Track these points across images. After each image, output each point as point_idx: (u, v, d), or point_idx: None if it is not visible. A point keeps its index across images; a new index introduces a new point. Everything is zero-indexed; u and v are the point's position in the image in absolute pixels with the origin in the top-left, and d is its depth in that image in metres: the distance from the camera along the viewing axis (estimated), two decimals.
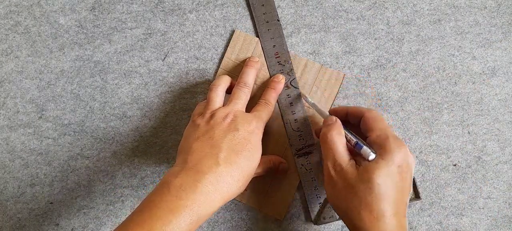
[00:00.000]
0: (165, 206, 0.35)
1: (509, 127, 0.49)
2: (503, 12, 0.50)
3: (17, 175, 0.49)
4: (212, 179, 0.37)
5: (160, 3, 0.50)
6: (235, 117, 0.41)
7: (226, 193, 0.38)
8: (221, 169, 0.38)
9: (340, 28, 0.49)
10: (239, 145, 0.39)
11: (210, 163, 0.38)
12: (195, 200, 0.36)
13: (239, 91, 0.45)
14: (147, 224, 0.34)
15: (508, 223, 0.48)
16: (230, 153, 0.39)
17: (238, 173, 0.39)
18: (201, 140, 0.40)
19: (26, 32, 0.50)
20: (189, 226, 0.35)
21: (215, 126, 0.40)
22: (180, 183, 0.36)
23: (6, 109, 0.49)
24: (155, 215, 0.34)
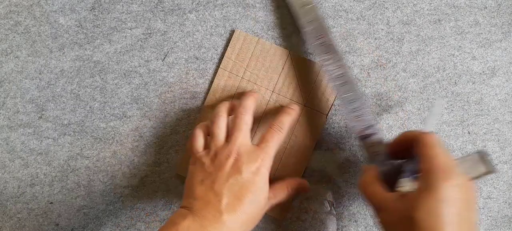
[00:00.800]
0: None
1: (509, 127, 0.49)
2: (503, 12, 0.50)
3: (17, 175, 0.49)
4: (217, 226, 0.38)
5: (160, 3, 0.50)
6: (239, 155, 0.40)
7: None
8: (224, 217, 0.38)
9: (340, 28, 0.49)
10: (242, 190, 0.39)
11: (214, 211, 0.38)
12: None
13: (240, 122, 0.42)
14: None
15: (508, 223, 0.48)
16: (233, 200, 0.39)
17: (243, 217, 0.39)
18: (205, 185, 0.40)
19: (26, 32, 0.50)
20: None
21: (218, 169, 0.40)
22: (188, 225, 0.37)
23: (6, 109, 0.49)
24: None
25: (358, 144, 0.47)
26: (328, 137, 0.49)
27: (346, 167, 0.49)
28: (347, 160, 0.49)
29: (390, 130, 0.49)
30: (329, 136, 0.49)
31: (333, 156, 0.49)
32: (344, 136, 0.49)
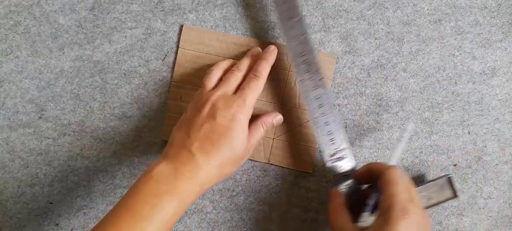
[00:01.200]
0: (149, 191, 0.37)
1: (509, 127, 0.49)
2: (503, 12, 0.49)
3: (17, 175, 0.49)
4: (190, 168, 0.39)
5: (160, 3, 0.50)
6: (215, 102, 0.41)
7: (206, 179, 0.39)
8: (197, 157, 0.39)
9: (340, 28, 0.49)
10: (215, 134, 0.40)
11: (186, 153, 0.39)
12: (176, 186, 0.38)
13: (230, 75, 0.44)
14: (134, 208, 0.36)
15: (508, 223, 0.48)
16: (204, 143, 0.39)
17: (216, 159, 0.39)
18: (181, 130, 0.41)
19: (26, 32, 0.50)
20: (173, 209, 0.37)
21: (195, 115, 0.41)
22: (161, 170, 0.38)
23: (6, 109, 0.49)
24: (141, 199, 0.37)
25: (327, 167, 0.47)
26: None
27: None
28: None
29: (390, 130, 0.49)
30: None
31: None
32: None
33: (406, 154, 0.49)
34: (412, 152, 0.49)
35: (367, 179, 0.43)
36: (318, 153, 0.48)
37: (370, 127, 0.49)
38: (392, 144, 0.49)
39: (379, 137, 0.49)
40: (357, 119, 0.49)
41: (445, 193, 0.46)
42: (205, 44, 0.49)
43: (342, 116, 0.49)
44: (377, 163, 0.43)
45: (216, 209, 0.49)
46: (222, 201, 0.49)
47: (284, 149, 0.48)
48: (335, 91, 0.49)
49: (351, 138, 0.49)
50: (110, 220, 0.36)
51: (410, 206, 0.36)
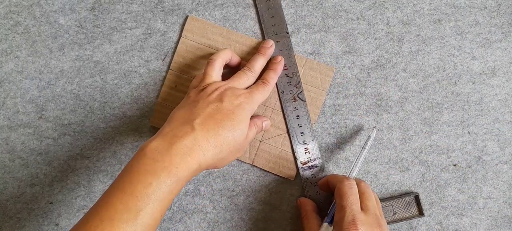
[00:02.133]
0: (143, 169, 0.36)
1: (509, 127, 0.49)
2: (503, 12, 0.50)
3: (17, 175, 0.49)
4: (187, 142, 0.37)
5: (160, 3, 0.50)
6: (225, 90, 0.41)
7: (202, 157, 0.38)
8: (197, 133, 0.38)
9: (340, 28, 0.49)
10: (220, 114, 0.39)
11: (186, 128, 0.38)
12: (171, 162, 0.36)
13: (242, 73, 0.44)
14: (128, 188, 0.35)
15: (508, 223, 0.48)
16: (207, 119, 0.39)
17: (215, 139, 0.38)
18: (184, 109, 0.41)
19: (26, 32, 0.50)
20: (169, 187, 0.36)
21: (202, 98, 0.41)
22: (156, 146, 0.37)
23: (6, 109, 0.49)
24: (135, 178, 0.35)
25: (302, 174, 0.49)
26: (328, 137, 0.49)
27: (347, 168, 0.49)
28: (346, 159, 0.49)
29: (390, 130, 0.49)
30: (329, 136, 0.49)
31: (333, 156, 0.49)
32: (344, 135, 0.49)
33: (406, 154, 0.49)
34: (412, 152, 0.49)
35: (327, 190, 0.46)
36: None
37: (370, 127, 0.49)
38: (392, 144, 0.49)
39: (379, 137, 0.49)
40: (357, 118, 0.49)
41: (411, 210, 0.48)
42: (208, 37, 0.49)
43: (342, 116, 0.49)
44: (334, 176, 0.45)
45: (216, 209, 0.49)
46: (222, 201, 0.49)
47: (270, 153, 0.48)
48: (335, 91, 0.49)
49: (351, 138, 0.49)
50: (105, 200, 0.35)
51: (358, 216, 0.39)
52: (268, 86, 0.45)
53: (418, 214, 0.48)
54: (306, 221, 0.44)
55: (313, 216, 0.45)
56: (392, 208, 0.47)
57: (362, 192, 0.41)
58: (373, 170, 0.49)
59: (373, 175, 0.49)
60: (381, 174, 0.49)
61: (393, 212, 0.47)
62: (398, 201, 0.48)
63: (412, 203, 0.48)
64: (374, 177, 0.49)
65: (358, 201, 0.40)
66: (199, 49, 0.49)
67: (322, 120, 0.49)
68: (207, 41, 0.49)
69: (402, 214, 0.47)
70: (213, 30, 0.49)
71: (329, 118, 0.49)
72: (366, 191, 0.42)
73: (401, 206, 0.47)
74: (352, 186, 0.41)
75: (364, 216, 0.39)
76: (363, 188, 0.42)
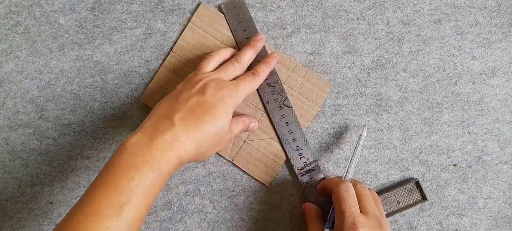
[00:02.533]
0: (124, 163, 0.36)
1: (509, 127, 0.49)
2: (503, 12, 0.50)
3: (17, 175, 0.49)
4: (167, 137, 0.37)
5: (160, 3, 0.50)
6: (208, 82, 0.41)
7: (183, 152, 0.38)
8: (177, 128, 0.38)
9: (340, 28, 0.49)
10: (200, 108, 0.39)
11: (166, 123, 0.38)
12: (152, 156, 0.36)
13: (229, 64, 0.44)
14: (111, 182, 0.35)
15: (508, 223, 0.48)
16: (188, 114, 0.39)
17: (195, 134, 0.38)
18: (167, 102, 0.40)
19: (26, 32, 0.50)
20: (152, 181, 0.36)
21: (186, 89, 0.41)
22: (136, 141, 0.37)
23: (6, 109, 0.49)
24: (117, 174, 0.35)
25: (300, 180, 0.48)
26: (328, 137, 0.49)
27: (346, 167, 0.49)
28: (346, 159, 0.49)
29: (390, 130, 0.49)
30: (329, 136, 0.49)
31: (333, 156, 0.49)
32: (344, 135, 0.49)
33: (406, 154, 0.49)
34: (412, 152, 0.49)
35: (325, 195, 0.45)
36: (283, 169, 0.48)
37: (370, 127, 0.49)
38: (392, 144, 0.49)
39: (379, 137, 0.49)
40: (357, 118, 0.49)
41: (414, 196, 0.48)
42: (215, 28, 0.49)
43: (342, 116, 0.49)
44: (330, 180, 0.44)
45: (216, 209, 0.49)
46: (222, 201, 0.49)
47: (251, 154, 0.48)
48: (335, 91, 0.49)
49: (351, 138, 0.49)
50: (88, 196, 0.35)
51: (358, 218, 0.38)
52: (257, 78, 0.44)
53: (421, 199, 0.47)
54: (310, 226, 0.44)
55: (316, 221, 0.44)
56: (395, 198, 0.47)
57: (359, 193, 0.41)
58: (373, 170, 0.49)
59: (373, 175, 0.49)
60: (381, 174, 0.49)
61: (397, 201, 0.47)
62: (400, 190, 0.47)
63: (414, 189, 0.48)
64: (374, 177, 0.49)
65: (356, 203, 0.40)
66: (204, 37, 0.49)
67: (322, 120, 0.49)
68: (214, 32, 0.49)
69: (405, 202, 0.47)
70: (222, 22, 0.49)
71: (329, 118, 0.49)
72: (363, 192, 0.41)
73: (404, 194, 0.47)
74: (348, 189, 0.41)
75: (364, 218, 0.39)
76: (360, 189, 0.42)
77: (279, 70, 0.48)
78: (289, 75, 0.48)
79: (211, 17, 0.49)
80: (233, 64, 0.44)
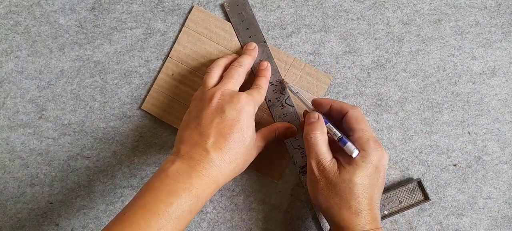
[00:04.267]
0: (165, 189, 0.37)
1: (509, 127, 0.49)
2: (503, 12, 0.50)
3: (17, 175, 0.49)
4: (205, 165, 0.39)
5: (160, 3, 0.50)
6: (222, 96, 0.41)
7: (220, 176, 0.39)
8: (211, 155, 0.39)
9: (340, 28, 0.49)
10: (227, 128, 0.40)
11: (200, 150, 0.39)
12: (192, 184, 0.38)
13: (232, 70, 0.44)
14: (151, 206, 0.36)
15: (508, 223, 0.48)
16: (218, 138, 0.39)
17: (230, 155, 0.40)
18: (191, 128, 0.41)
19: (26, 32, 0.50)
20: (189, 207, 0.37)
21: (203, 110, 0.41)
22: (177, 168, 0.38)
23: (6, 109, 0.49)
24: (157, 198, 0.37)
25: None
26: None
27: None
28: None
29: (390, 130, 0.49)
30: None
31: None
32: None
33: (406, 154, 0.49)
34: (412, 152, 0.49)
35: (327, 113, 0.44)
36: (290, 164, 0.48)
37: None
38: (392, 144, 0.49)
39: (379, 137, 0.49)
40: None
41: (416, 196, 0.48)
42: (210, 30, 0.49)
43: None
44: (338, 102, 0.43)
45: (216, 209, 0.49)
46: (222, 201, 0.49)
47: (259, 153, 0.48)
48: (335, 91, 0.49)
49: None
50: (127, 216, 0.36)
51: (376, 139, 0.41)
52: (263, 90, 0.45)
53: (423, 199, 0.47)
54: (314, 134, 0.41)
55: (324, 131, 0.42)
56: (397, 197, 0.47)
57: (359, 117, 0.42)
58: None
59: None
60: None
61: (399, 201, 0.47)
62: (402, 189, 0.47)
63: (416, 189, 0.48)
64: None
65: None
66: (200, 40, 0.49)
67: None
68: (209, 34, 0.49)
69: (408, 201, 0.47)
70: (216, 23, 0.49)
71: None
72: (361, 116, 0.42)
73: (406, 194, 0.47)
74: (361, 114, 0.42)
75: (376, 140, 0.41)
76: (359, 114, 0.42)
77: (278, 66, 0.48)
78: (288, 70, 0.49)
79: (206, 19, 0.49)
80: (236, 69, 0.44)
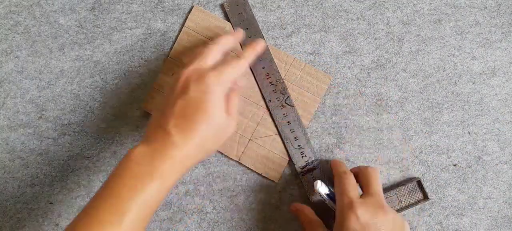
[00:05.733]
0: (128, 173, 0.36)
1: (509, 127, 0.49)
2: (503, 12, 0.50)
3: (17, 175, 0.49)
4: (167, 146, 0.37)
5: (160, 3, 0.50)
6: (189, 76, 0.39)
7: (186, 158, 0.38)
8: (174, 137, 0.37)
9: (340, 28, 0.49)
10: (189, 108, 0.38)
11: (162, 133, 0.38)
12: (155, 166, 0.36)
13: (204, 49, 0.41)
14: (115, 190, 0.36)
15: (508, 223, 0.48)
16: (179, 120, 0.38)
17: (194, 137, 0.38)
18: (159, 111, 0.40)
19: (26, 32, 0.50)
20: (155, 190, 0.36)
21: (170, 93, 0.40)
22: (139, 151, 0.37)
23: (6, 109, 0.49)
24: (121, 182, 0.36)
25: (301, 178, 0.49)
26: (328, 137, 0.49)
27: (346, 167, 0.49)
28: (346, 159, 0.49)
29: (390, 130, 0.49)
30: (329, 136, 0.49)
31: (333, 157, 0.49)
32: (344, 135, 0.49)
33: (406, 154, 0.49)
34: (412, 152, 0.49)
35: None
36: (290, 164, 0.48)
37: (370, 127, 0.49)
38: (392, 144, 0.49)
39: (379, 137, 0.49)
40: (357, 118, 0.49)
41: (416, 196, 0.48)
42: (210, 30, 0.49)
43: (342, 116, 0.49)
44: (336, 162, 0.45)
45: (216, 209, 0.49)
46: (222, 201, 0.49)
47: (257, 152, 0.48)
48: (335, 91, 0.49)
49: (351, 138, 0.49)
50: (93, 204, 0.36)
51: (356, 199, 0.39)
52: (242, 60, 0.41)
53: (423, 199, 0.47)
54: (310, 226, 0.44)
55: (315, 219, 0.44)
56: (396, 197, 0.47)
57: (367, 175, 0.42)
58: None
59: None
60: (381, 174, 0.49)
61: (398, 200, 0.47)
62: (402, 189, 0.47)
63: (416, 189, 0.48)
64: None
65: (355, 187, 0.41)
66: (200, 40, 0.49)
67: (322, 120, 0.49)
68: (209, 34, 0.49)
69: (407, 201, 0.47)
70: (216, 23, 0.49)
71: (329, 118, 0.49)
72: (370, 173, 0.42)
73: (405, 193, 0.47)
74: (347, 174, 0.42)
75: (362, 199, 0.39)
76: (368, 170, 0.42)
77: (278, 66, 0.48)
78: (288, 70, 0.48)
79: (206, 19, 0.49)
80: (208, 46, 0.41)
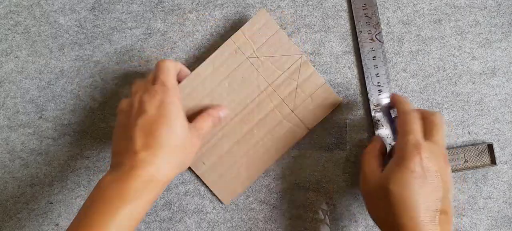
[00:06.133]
0: (101, 200, 0.36)
1: (509, 127, 0.49)
2: (503, 12, 0.50)
3: (17, 175, 0.49)
4: (136, 166, 0.37)
5: (160, 3, 0.50)
6: (140, 97, 0.40)
7: (157, 173, 0.38)
8: (141, 155, 0.37)
9: (340, 28, 0.49)
10: (152, 126, 0.38)
11: (129, 155, 0.37)
12: (126, 188, 0.36)
13: (149, 74, 0.43)
14: (87, 219, 0.35)
15: (508, 223, 0.48)
16: (145, 138, 0.38)
17: (163, 152, 0.38)
18: (119, 137, 0.40)
19: (26, 32, 0.50)
20: (128, 213, 0.36)
21: (127, 118, 0.40)
22: (108, 179, 0.37)
23: (6, 109, 0.49)
24: (95, 209, 0.36)
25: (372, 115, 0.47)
26: (328, 137, 0.49)
27: (346, 167, 0.49)
28: (347, 160, 0.49)
29: None
30: (329, 136, 0.49)
31: (333, 156, 0.49)
32: (344, 136, 0.49)
33: None
34: None
35: None
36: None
37: (370, 127, 0.49)
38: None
39: None
40: (357, 118, 0.49)
41: (483, 159, 0.47)
42: None
43: (342, 116, 0.49)
44: (399, 102, 0.43)
45: (216, 209, 0.49)
46: None
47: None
48: (335, 91, 0.49)
49: (351, 138, 0.49)
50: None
51: (422, 142, 0.38)
52: (169, 61, 0.42)
53: (490, 163, 0.47)
54: (368, 156, 0.43)
55: (377, 154, 0.43)
56: (463, 155, 0.47)
57: (434, 122, 0.40)
58: None
59: None
60: None
61: (465, 159, 0.47)
62: (470, 149, 0.47)
63: (485, 152, 0.47)
64: None
65: (420, 129, 0.39)
66: None
67: (322, 120, 0.49)
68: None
69: (473, 162, 0.47)
70: None
71: (329, 118, 0.49)
72: (438, 122, 0.40)
73: (473, 155, 0.47)
74: (415, 114, 0.40)
75: (427, 143, 0.38)
76: (431, 117, 0.40)
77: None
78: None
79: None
80: (160, 63, 0.42)
